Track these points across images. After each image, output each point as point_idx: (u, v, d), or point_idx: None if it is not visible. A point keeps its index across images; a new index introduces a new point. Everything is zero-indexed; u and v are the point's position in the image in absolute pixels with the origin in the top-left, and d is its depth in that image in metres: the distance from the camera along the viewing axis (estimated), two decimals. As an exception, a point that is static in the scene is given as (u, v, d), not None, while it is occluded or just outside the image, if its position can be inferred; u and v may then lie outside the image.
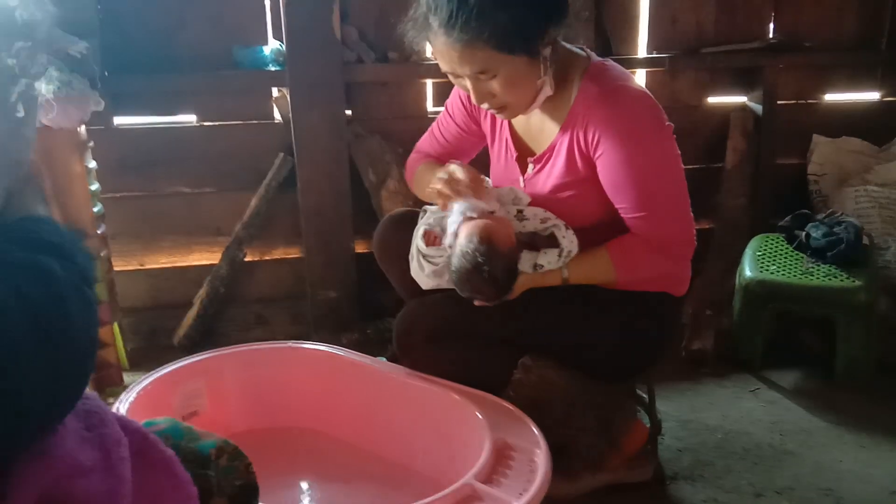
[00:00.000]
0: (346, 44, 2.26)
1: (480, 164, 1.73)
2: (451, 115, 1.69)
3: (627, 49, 2.54)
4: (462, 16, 1.30)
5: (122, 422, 0.69)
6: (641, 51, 2.56)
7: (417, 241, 1.52)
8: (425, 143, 1.76)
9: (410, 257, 1.54)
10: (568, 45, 1.47)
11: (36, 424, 0.60)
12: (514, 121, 1.58)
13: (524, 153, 1.58)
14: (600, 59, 1.50)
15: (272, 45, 2.28)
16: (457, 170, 1.48)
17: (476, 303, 1.47)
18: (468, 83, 1.39)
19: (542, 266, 1.46)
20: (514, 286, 1.44)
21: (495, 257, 1.39)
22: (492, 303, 1.46)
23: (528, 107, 1.46)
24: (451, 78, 1.44)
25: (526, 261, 1.46)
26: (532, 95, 1.43)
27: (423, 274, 1.51)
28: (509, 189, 1.54)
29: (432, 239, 1.50)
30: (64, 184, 1.86)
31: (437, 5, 1.33)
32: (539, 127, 1.54)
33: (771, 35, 2.63)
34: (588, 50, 1.51)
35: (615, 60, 1.53)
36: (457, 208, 1.46)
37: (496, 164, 1.65)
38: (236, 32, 2.27)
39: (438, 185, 1.48)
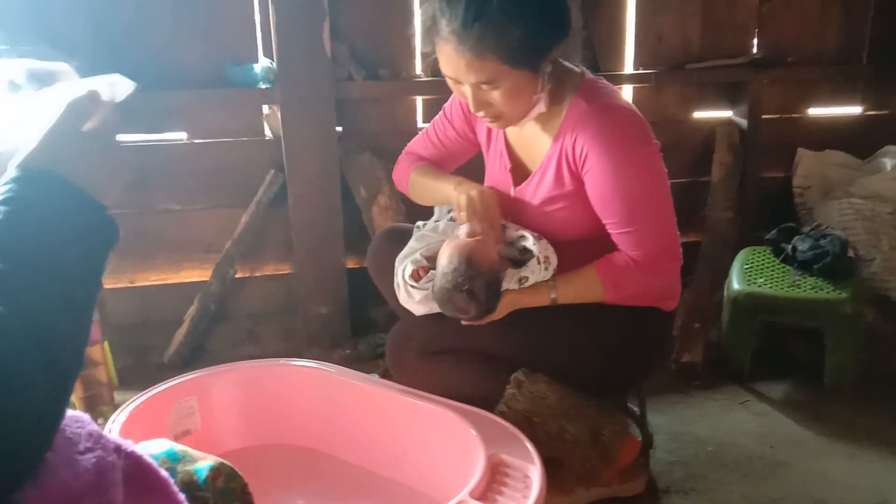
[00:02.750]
0: (337, 61, 2.27)
1: (473, 169, 1.75)
2: (449, 120, 1.69)
3: (614, 65, 2.57)
4: (476, 27, 1.30)
5: (117, 444, 0.69)
6: (628, 67, 2.59)
7: (405, 274, 1.52)
8: (418, 144, 1.76)
9: (396, 287, 1.54)
10: (564, 62, 1.49)
11: None
12: (507, 132, 1.60)
13: (516, 165, 1.60)
14: (594, 76, 1.52)
15: (263, 63, 2.29)
16: (490, 202, 1.49)
17: (463, 322, 1.48)
18: (468, 90, 1.41)
19: (528, 278, 1.46)
20: (496, 305, 1.45)
21: (475, 276, 1.40)
22: (475, 322, 1.47)
23: (521, 119, 1.48)
24: (450, 83, 1.45)
25: (511, 277, 1.47)
26: (527, 109, 1.45)
27: (413, 302, 1.52)
28: None
29: (420, 274, 1.51)
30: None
31: (452, 12, 1.33)
32: (530, 140, 1.56)
33: (755, 50, 2.67)
34: (583, 67, 1.53)
35: (602, 76, 1.55)
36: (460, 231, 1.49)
37: (490, 173, 1.66)
38: (227, 50, 2.28)
39: (465, 202, 1.49)
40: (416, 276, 1.51)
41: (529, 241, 1.47)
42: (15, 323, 0.56)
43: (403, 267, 1.54)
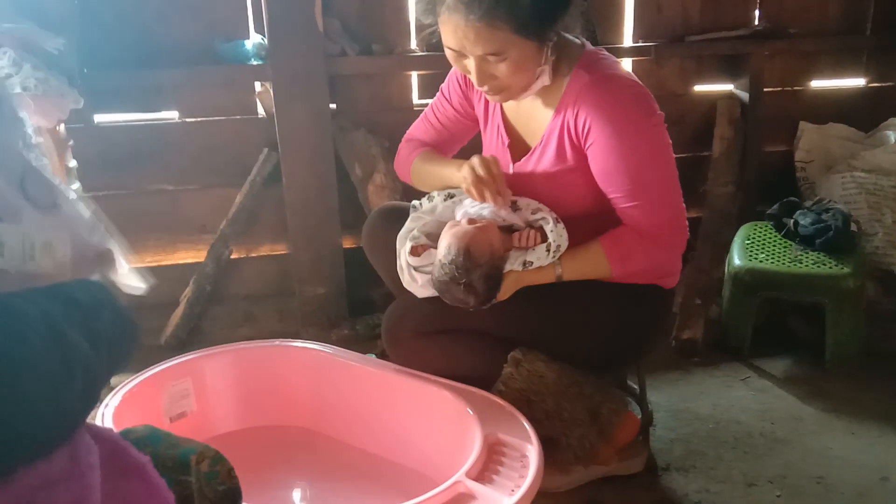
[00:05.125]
0: (329, 36, 2.23)
1: (471, 149, 1.71)
2: (447, 99, 1.66)
3: (613, 38, 2.52)
4: None
5: (93, 430, 0.67)
6: (627, 39, 2.55)
7: (406, 255, 1.50)
8: (418, 129, 1.73)
9: (399, 270, 1.52)
10: (564, 34, 1.46)
11: None
12: (505, 107, 1.57)
13: (515, 140, 1.57)
14: (594, 48, 1.48)
15: (254, 39, 2.24)
16: (491, 164, 1.45)
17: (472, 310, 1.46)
18: (472, 63, 1.37)
19: (532, 262, 1.44)
20: (496, 295, 1.43)
21: (473, 269, 1.38)
22: (476, 309, 1.44)
23: (524, 92, 1.45)
24: (451, 57, 1.41)
25: (515, 258, 1.44)
26: (531, 81, 1.42)
27: (417, 285, 1.49)
28: None
29: (419, 251, 1.48)
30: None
31: None
32: (529, 114, 1.53)
33: (756, 22, 2.62)
34: (583, 39, 1.49)
35: (601, 49, 1.52)
36: (461, 210, 1.46)
37: (488, 151, 1.63)
38: (217, 26, 2.24)
39: (469, 177, 1.45)
40: (414, 252, 1.49)
41: (549, 226, 1.44)
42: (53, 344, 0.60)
43: (405, 248, 1.51)
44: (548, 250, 1.43)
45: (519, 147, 1.56)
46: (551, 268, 1.46)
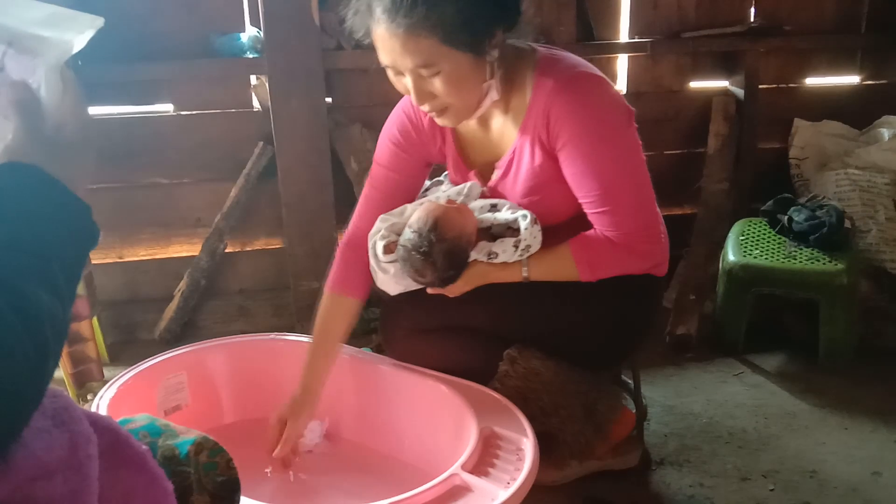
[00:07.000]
0: (326, 30, 2.22)
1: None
2: (383, 165, 1.56)
3: (609, 34, 2.52)
4: (407, 1, 1.24)
5: (93, 418, 0.67)
6: (623, 35, 2.55)
7: (374, 257, 1.48)
8: (362, 218, 1.57)
9: (372, 271, 1.51)
10: (513, 42, 1.40)
11: None
12: (469, 132, 1.52)
13: (482, 164, 1.52)
14: (546, 48, 1.44)
15: (250, 32, 2.24)
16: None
17: (429, 290, 1.45)
18: (409, 81, 1.32)
19: (497, 255, 1.42)
20: (456, 276, 1.42)
21: (436, 242, 1.38)
22: (434, 289, 1.43)
23: (473, 112, 1.40)
24: (392, 77, 1.36)
25: (481, 248, 1.43)
26: (476, 99, 1.37)
27: (389, 276, 1.47)
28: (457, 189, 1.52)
29: (393, 248, 1.47)
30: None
31: None
32: (500, 133, 1.48)
33: (752, 19, 2.63)
34: (532, 43, 1.44)
35: (597, 46, 1.50)
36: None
37: (455, 182, 1.58)
38: (213, 19, 2.23)
39: None
40: (388, 249, 1.47)
41: (526, 221, 1.41)
42: None
43: (373, 244, 1.50)
44: (515, 246, 1.40)
45: (488, 168, 1.51)
46: (518, 266, 1.43)
